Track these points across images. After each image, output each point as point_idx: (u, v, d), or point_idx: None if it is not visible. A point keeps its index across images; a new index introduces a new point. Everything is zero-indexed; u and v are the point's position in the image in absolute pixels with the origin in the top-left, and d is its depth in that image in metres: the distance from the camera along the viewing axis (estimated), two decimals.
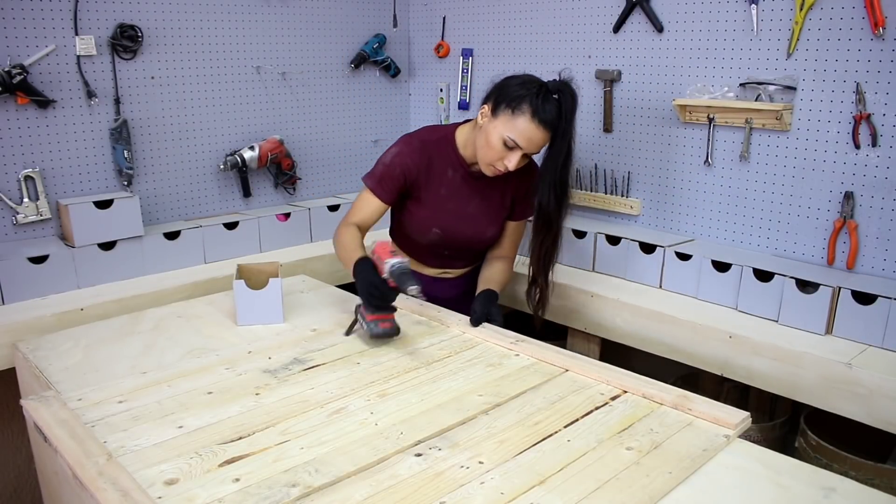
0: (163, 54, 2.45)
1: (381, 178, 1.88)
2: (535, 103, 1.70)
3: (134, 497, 1.02)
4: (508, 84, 1.76)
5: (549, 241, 1.89)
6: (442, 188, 1.90)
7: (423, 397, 1.36)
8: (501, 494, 1.06)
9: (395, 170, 1.86)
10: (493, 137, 1.75)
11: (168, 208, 2.56)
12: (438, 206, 1.91)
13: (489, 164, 1.80)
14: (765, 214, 2.18)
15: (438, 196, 1.91)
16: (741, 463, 1.17)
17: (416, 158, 1.87)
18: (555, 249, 1.92)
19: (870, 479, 1.74)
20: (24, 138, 2.20)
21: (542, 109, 1.70)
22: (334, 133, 3.00)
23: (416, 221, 1.94)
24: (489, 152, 1.77)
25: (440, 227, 1.92)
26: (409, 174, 1.87)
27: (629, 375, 1.45)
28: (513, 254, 2.06)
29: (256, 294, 1.75)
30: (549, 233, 1.87)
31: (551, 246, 1.90)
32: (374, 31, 3.02)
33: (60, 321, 1.95)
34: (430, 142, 1.90)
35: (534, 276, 1.96)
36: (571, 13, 2.56)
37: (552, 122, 1.71)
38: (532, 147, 1.74)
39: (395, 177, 1.87)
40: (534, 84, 1.73)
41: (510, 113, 1.72)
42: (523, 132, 1.71)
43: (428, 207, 1.91)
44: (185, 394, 1.37)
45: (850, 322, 1.83)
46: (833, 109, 1.98)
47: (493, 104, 1.77)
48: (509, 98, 1.73)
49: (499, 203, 1.96)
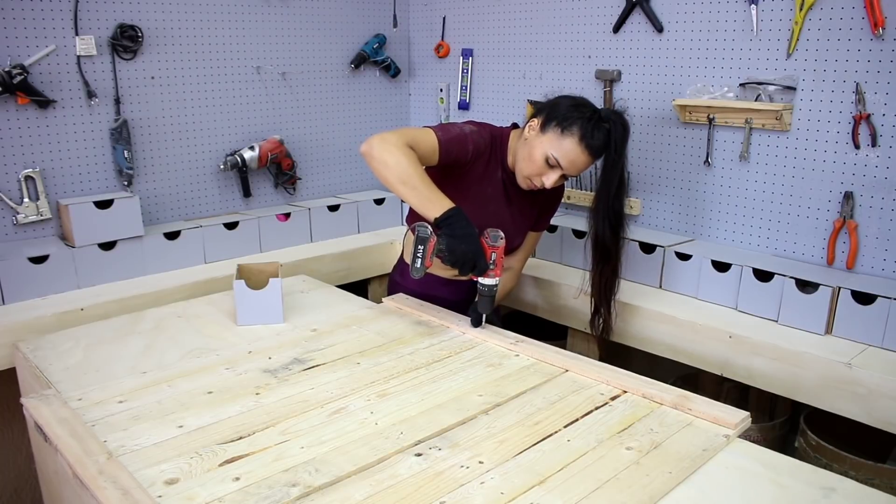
0: (163, 54, 2.45)
1: (451, 139, 1.73)
2: (586, 127, 1.70)
3: (134, 496, 1.02)
4: (561, 103, 1.76)
5: (609, 271, 1.91)
6: (490, 187, 1.87)
7: (423, 397, 1.36)
8: (501, 494, 1.06)
9: (468, 144, 1.76)
10: (536, 152, 1.75)
11: (168, 208, 2.56)
12: (482, 205, 1.85)
13: (526, 178, 1.80)
14: (765, 214, 2.18)
15: (484, 194, 1.87)
16: (741, 463, 1.17)
17: (485, 146, 1.82)
18: (615, 279, 1.94)
19: (870, 479, 1.74)
20: (24, 138, 2.20)
21: (590, 135, 1.70)
22: (334, 133, 3.00)
23: None
24: (530, 166, 1.77)
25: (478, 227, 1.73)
26: (474, 154, 1.78)
27: (629, 375, 1.45)
28: (522, 265, 2.09)
29: (256, 294, 1.76)
30: (608, 264, 1.89)
31: (611, 276, 1.92)
32: (374, 31, 3.03)
33: (60, 321, 1.95)
34: (496, 137, 1.87)
35: (596, 306, 2.00)
36: (571, 13, 2.56)
37: (599, 149, 1.72)
38: (573, 170, 1.75)
39: (464, 149, 1.75)
40: (587, 108, 1.74)
41: (559, 132, 1.72)
42: (568, 153, 1.72)
43: (470, 202, 1.75)
44: (186, 393, 1.37)
45: (849, 322, 1.83)
46: (833, 109, 1.98)
47: (544, 120, 1.76)
48: (560, 117, 1.72)
49: (528, 216, 1.97)
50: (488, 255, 1.64)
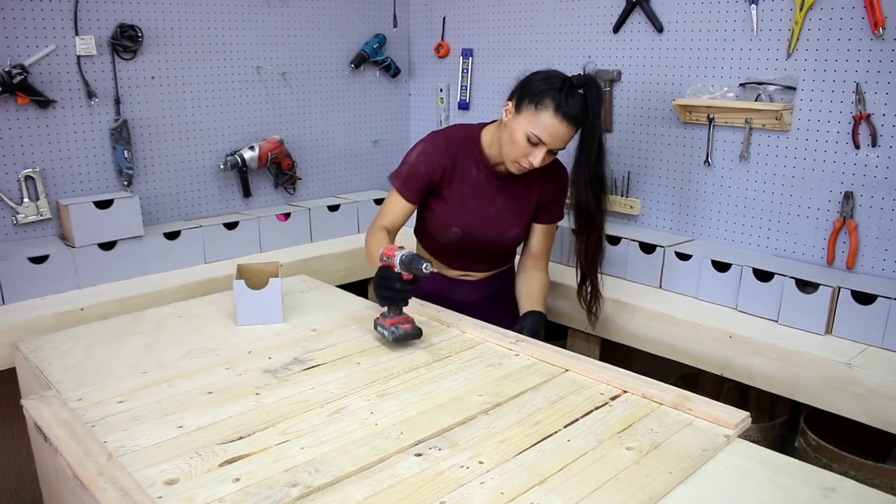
0: (163, 54, 2.45)
1: (406, 179, 1.86)
2: (559, 98, 1.68)
3: (134, 497, 1.02)
4: (532, 80, 1.75)
5: (594, 239, 1.88)
6: (465, 187, 1.88)
7: (423, 397, 1.36)
8: (501, 494, 1.06)
9: (420, 169, 1.85)
10: (517, 134, 1.73)
11: (168, 208, 2.56)
12: (460, 205, 1.89)
13: (514, 161, 1.78)
14: (765, 214, 2.18)
15: (461, 195, 1.88)
16: (741, 463, 1.17)
17: (440, 156, 1.85)
18: (600, 248, 1.90)
19: (870, 479, 1.74)
20: (24, 138, 2.20)
21: (565, 104, 1.68)
22: (334, 133, 3.00)
23: (438, 219, 1.92)
24: (514, 149, 1.75)
25: (460, 226, 1.90)
26: (433, 173, 1.85)
27: (629, 375, 1.45)
28: (546, 261, 2.04)
29: (256, 294, 1.75)
30: (593, 231, 1.86)
31: (596, 244, 1.89)
32: (374, 31, 3.03)
33: (60, 321, 1.95)
34: (456, 140, 1.88)
35: (583, 276, 1.95)
36: (571, 13, 2.56)
37: (576, 116, 1.70)
38: (556, 142, 1.72)
39: (420, 176, 1.85)
40: (557, 78, 1.71)
41: (533, 108, 1.70)
42: (546, 127, 1.70)
43: (449, 206, 1.89)
44: (185, 394, 1.37)
45: (849, 322, 1.83)
46: (833, 109, 1.98)
47: (517, 100, 1.75)
48: (532, 93, 1.71)
49: (522, 205, 1.93)
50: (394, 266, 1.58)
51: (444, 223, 1.91)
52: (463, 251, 1.97)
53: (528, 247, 2.00)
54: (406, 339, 1.58)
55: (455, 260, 2.00)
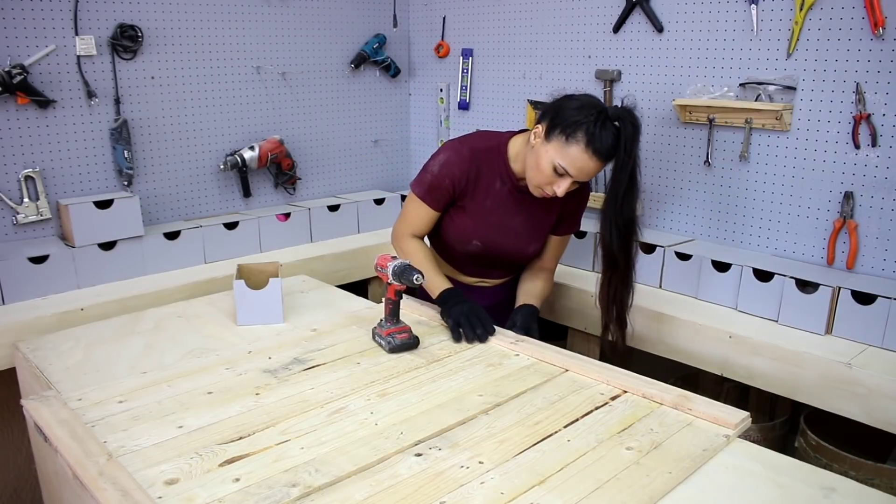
0: (163, 54, 2.45)
1: (430, 188, 1.81)
2: (592, 131, 1.60)
3: (134, 497, 1.02)
4: (565, 106, 1.66)
5: (617, 281, 1.79)
6: (488, 200, 1.82)
7: (423, 397, 1.36)
8: (501, 494, 1.06)
9: (444, 181, 1.79)
10: (543, 161, 1.66)
11: (168, 208, 2.56)
12: (482, 219, 1.83)
13: (537, 187, 1.72)
14: (765, 214, 2.18)
15: (483, 207, 1.83)
16: (741, 463, 1.17)
17: (464, 168, 1.78)
18: (626, 291, 1.81)
19: (870, 479, 1.74)
20: (24, 138, 2.20)
21: (598, 139, 1.60)
22: (334, 133, 3.00)
23: (458, 230, 1.86)
24: (538, 175, 1.69)
25: (481, 240, 1.85)
26: (456, 184, 1.80)
27: (629, 375, 1.45)
28: (554, 266, 2.01)
29: (256, 294, 1.76)
30: (616, 273, 1.77)
31: (620, 286, 1.80)
32: (374, 31, 3.02)
33: (60, 321, 1.95)
34: (481, 150, 1.81)
35: (605, 323, 1.87)
36: (571, 13, 2.56)
37: (607, 152, 1.62)
38: (583, 177, 1.67)
39: (444, 187, 1.80)
40: (592, 109, 1.62)
41: (564, 139, 1.63)
42: (575, 161, 1.63)
43: (471, 218, 1.84)
44: (185, 394, 1.37)
45: (849, 322, 1.83)
46: (833, 109, 1.98)
47: (548, 126, 1.67)
48: (565, 122, 1.63)
49: (544, 220, 1.89)
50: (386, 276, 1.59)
51: (464, 235, 1.86)
52: (481, 261, 1.94)
53: (539, 254, 1.99)
54: (403, 348, 1.58)
55: (472, 268, 1.98)
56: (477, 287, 2.01)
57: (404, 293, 1.69)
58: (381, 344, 1.60)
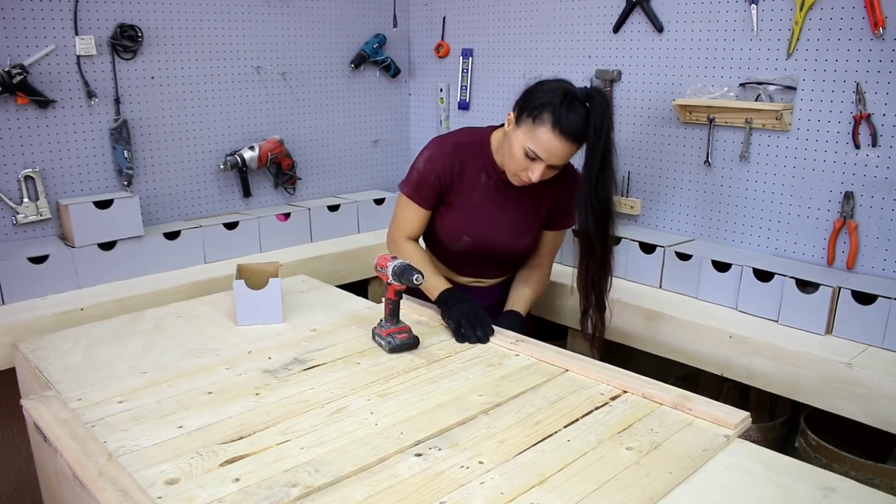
0: (163, 54, 2.45)
1: (417, 186, 1.84)
2: (558, 112, 1.60)
3: (134, 497, 1.02)
4: (535, 90, 1.67)
5: (595, 265, 1.78)
6: (474, 194, 1.83)
7: (423, 397, 1.36)
8: (501, 494, 1.06)
9: (430, 177, 1.81)
10: (515, 146, 1.67)
11: (168, 208, 2.56)
12: (470, 213, 1.84)
13: (514, 174, 1.73)
14: (765, 214, 2.18)
15: (470, 202, 1.83)
16: (741, 463, 1.17)
17: (448, 163, 1.81)
18: (604, 275, 1.80)
19: (870, 479, 1.74)
20: (24, 138, 2.20)
21: (564, 119, 1.59)
22: (334, 133, 3.00)
23: (447, 227, 1.87)
24: (512, 161, 1.70)
25: (470, 235, 1.85)
26: (443, 180, 1.81)
27: (629, 375, 1.45)
28: (549, 263, 1.99)
29: (256, 294, 1.76)
30: (593, 257, 1.76)
31: (598, 271, 1.79)
32: (374, 31, 3.02)
33: (60, 321, 1.95)
34: (465, 145, 1.83)
35: (584, 308, 1.86)
36: (571, 13, 2.56)
37: (575, 132, 1.61)
38: (554, 159, 1.65)
39: (431, 184, 1.82)
40: (559, 90, 1.62)
41: (531, 122, 1.63)
42: (543, 143, 1.63)
43: (459, 213, 1.85)
44: (185, 394, 1.37)
45: (850, 322, 1.83)
46: (833, 109, 1.98)
47: (518, 111, 1.69)
48: (532, 106, 1.64)
49: (534, 213, 1.88)
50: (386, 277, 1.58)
51: (453, 232, 1.87)
52: (474, 259, 1.93)
53: (535, 250, 1.98)
54: (403, 348, 1.58)
55: (467, 267, 1.98)
56: (473, 287, 2.00)
57: (404, 293, 1.69)
58: (381, 344, 1.61)
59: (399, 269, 1.56)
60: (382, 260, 1.62)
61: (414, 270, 1.55)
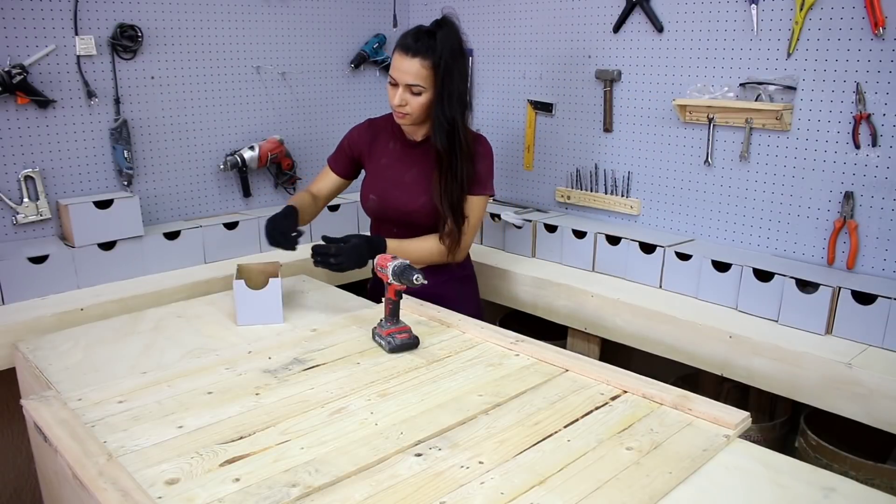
0: (163, 54, 2.45)
1: (335, 154, 2.10)
2: (404, 36, 1.82)
3: (134, 497, 1.02)
4: None
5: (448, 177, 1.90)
6: (383, 158, 2.03)
7: (423, 397, 1.36)
8: (501, 494, 1.06)
9: (343, 143, 2.08)
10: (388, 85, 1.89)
11: (168, 208, 2.56)
12: (378, 175, 2.03)
13: (394, 112, 1.90)
14: (765, 214, 2.18)
15: (379, 165, 2.03)
16: (741, 463, 1.17)
17: (361, 133, 2.06)
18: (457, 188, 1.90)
19: (870, 479, 1.74)
20: (24, 138, 2.20)
21: (407, 39, 1.80)
22: (334, 133, 3.00)
23: (363, 193, 2.05)
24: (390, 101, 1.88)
25: (376, 194, 2.01)
26: (354, 147, 2.05)
27: (629, 375, 1.45)
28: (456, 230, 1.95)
29: (256, 294, 1.76)
30: (449, 171, 1.89)
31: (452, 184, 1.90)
32: (374, 31, 3.02)
33: (60, 321, 1.95)
34: (379, 119, 2.06)
35: (443, 217, 1.95)
36: (571, 13, 2.56)
37: (414, 47, 1.78)
38: (403, 76, 1.81)
39: (342, 149, 2.08)
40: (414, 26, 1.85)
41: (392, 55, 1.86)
42: (395, 65, 1.82)
43: (370, 177, 2.05)
44: (185, 394, 1.37)
45: (850, 322, 1.83)
46: (833, 109, 1.98)
47: None
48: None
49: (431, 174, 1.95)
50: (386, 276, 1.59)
51: (364, 193, 2.05)
52: (385, 221, 2.04)
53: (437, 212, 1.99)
54: (403, 348, 1.58)
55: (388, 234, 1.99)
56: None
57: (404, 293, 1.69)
58: (381, 344, 1.61)
59: (399, 269, 1.57)
60: (382, 260, 1.62)
61: (414, 270, 1.55)
